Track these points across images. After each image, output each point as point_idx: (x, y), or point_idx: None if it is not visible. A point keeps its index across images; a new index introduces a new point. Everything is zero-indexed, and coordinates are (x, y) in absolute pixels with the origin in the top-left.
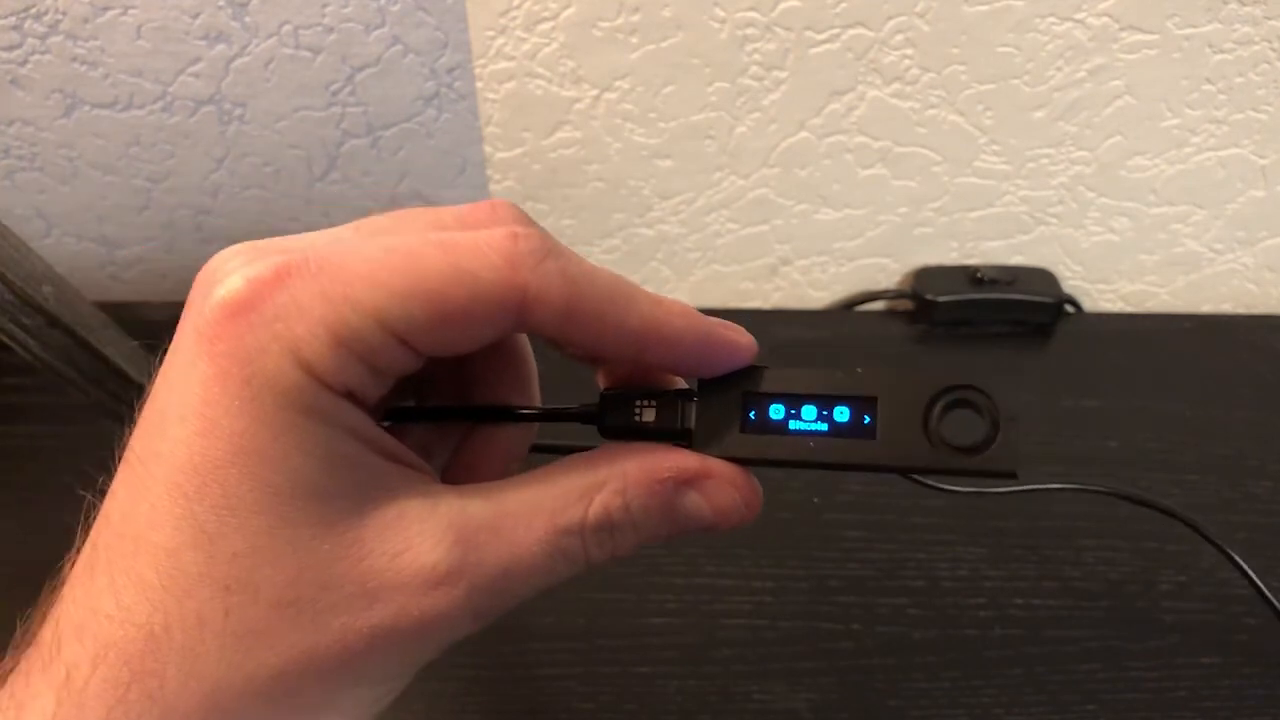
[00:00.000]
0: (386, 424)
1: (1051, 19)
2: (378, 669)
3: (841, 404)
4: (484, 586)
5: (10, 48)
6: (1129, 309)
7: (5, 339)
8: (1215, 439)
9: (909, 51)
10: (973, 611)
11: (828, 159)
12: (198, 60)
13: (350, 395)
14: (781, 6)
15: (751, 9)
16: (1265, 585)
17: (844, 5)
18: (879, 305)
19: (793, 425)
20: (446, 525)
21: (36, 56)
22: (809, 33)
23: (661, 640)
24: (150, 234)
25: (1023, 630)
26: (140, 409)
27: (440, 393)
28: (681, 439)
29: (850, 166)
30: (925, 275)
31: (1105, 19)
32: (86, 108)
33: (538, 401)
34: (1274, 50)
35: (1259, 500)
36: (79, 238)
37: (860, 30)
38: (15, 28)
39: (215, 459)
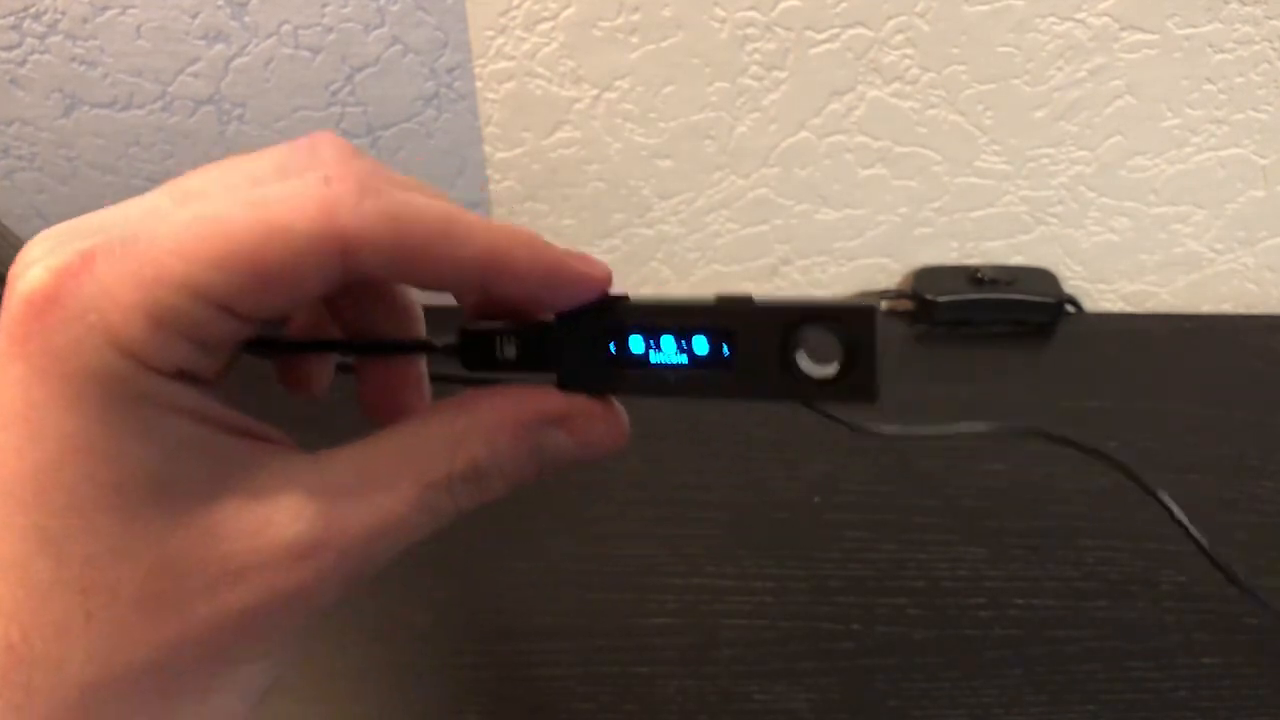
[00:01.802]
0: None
1: (1052, 19)
2: (256, 647)
3: (699, 335)
4: (352, 552)
5: (10, 47)
6: (1129, 309)
7: None
8: (1215, 439)
9: (909, 51)
10: (973, 611)
11: (828, 159)
12: (197, 60)
13: (182, 375)
14: (781, 6)
15: (751, 9)
16: (1252, 589)
17: (844, 5)
18: (879, 305)
19: (653, 358)
20: (306, 496)
21: (36, 56)
22: (809, 32)
23: (661, 640)
24: None
25: (1023, 630)
26: None
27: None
28: (542, 372)
29: (850, 166)
30: (925, 275)
31: (1105, 19)
32: (86, 107)
33: (423, 331)
34: (1274, 50)
35: (1259, 500)
36: None
37: (860, 30)
38: (15, 27)
39: (49, 462)
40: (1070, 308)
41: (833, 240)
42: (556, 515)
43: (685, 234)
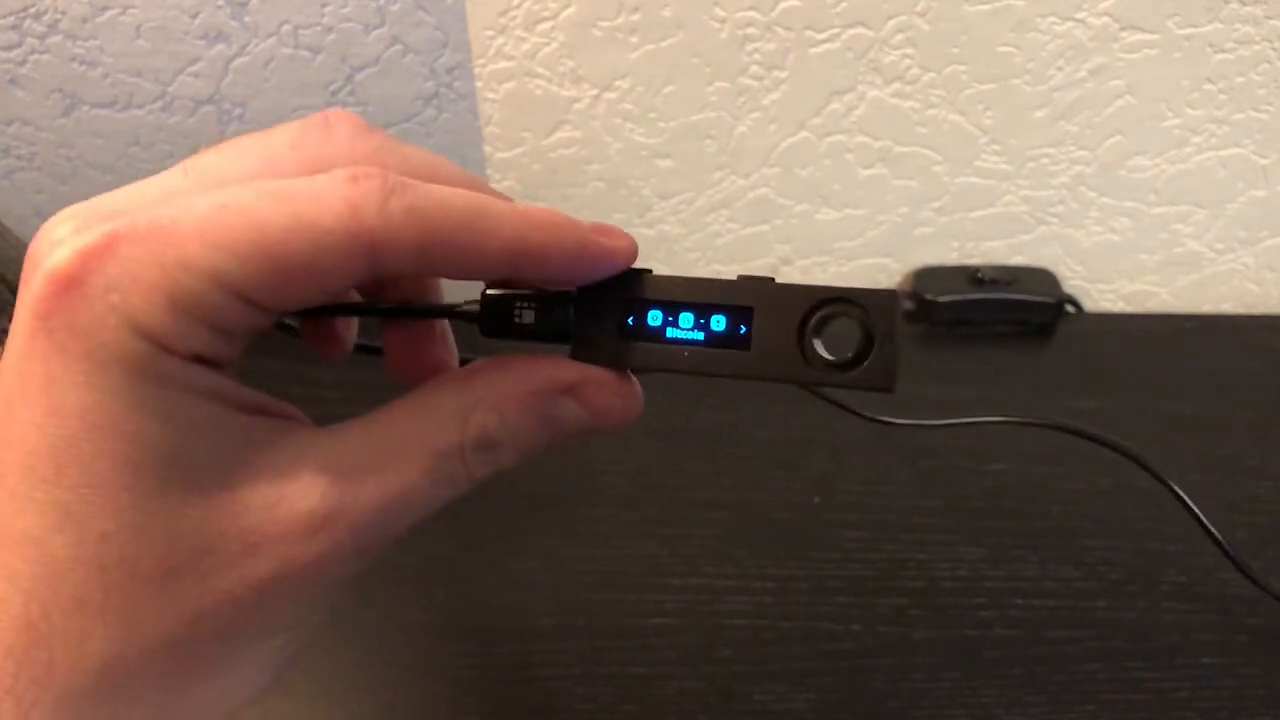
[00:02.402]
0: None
1: (1052, 19)
2: (274, 620)
3: (718, 313)
4: (366, 524)
5: (9, 47)
6: (1129, 309)
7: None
8: (1215, 439)
9: (909, 51)
10: (973, 611)
11: (828, 159)
12: (197, 60)
13: (199, 359)
14: (781, 6)
15: (751, 9)
16: (1208, 521)
17: (844, 5)
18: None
19: (670, 333)
20: (319, 469)
21: (36, 56)
22: (809, 32)
23: (661, 640)
24: None
25: (1023, 630)
26: None
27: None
28: (560, 342)
29: (850, 166)
30: (925, 275)
31: (1106, 19)
32: (86, 107)
33: (443, 296)
34: (1275, 50)
35: (1259, 500)
36: None
37: (860, 30)
38: (15, 27)
39: (68, 438)
40: (1070, 308)
41: (833, 240)
42: (556, 515)
43: (685, 234)
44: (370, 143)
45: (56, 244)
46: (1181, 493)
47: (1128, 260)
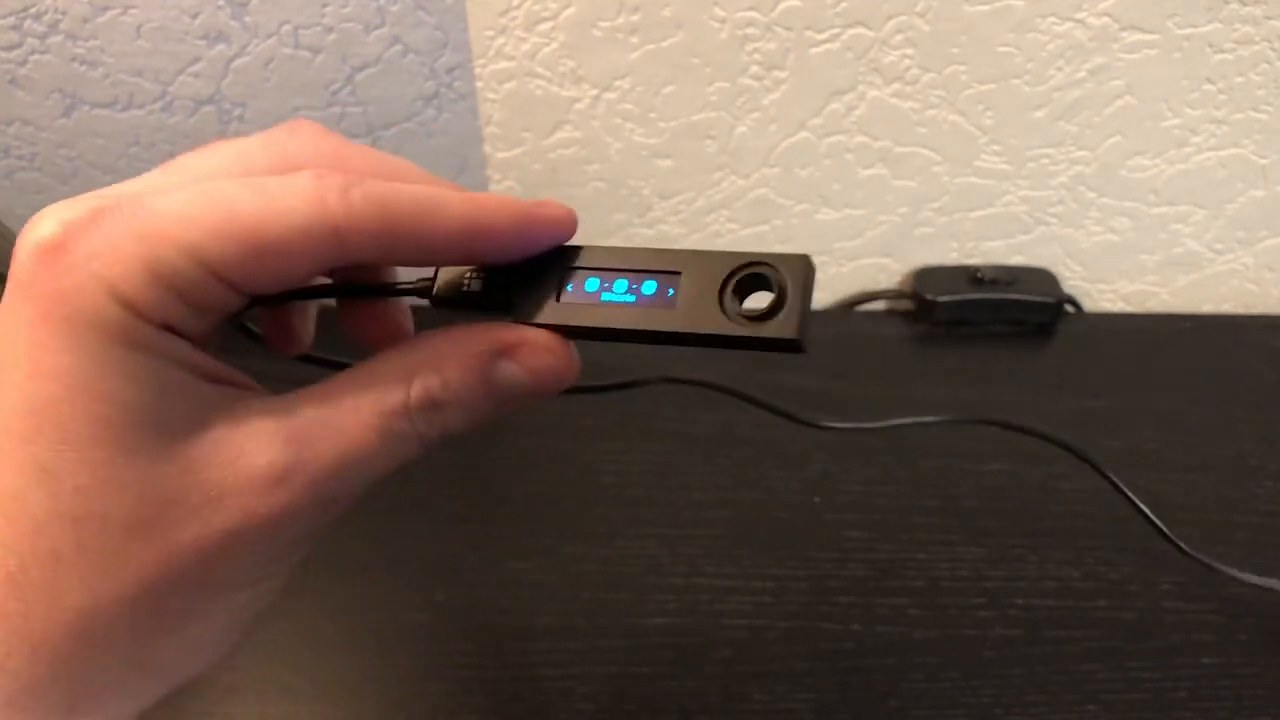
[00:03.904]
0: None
1: (1052, 19)
2: (240, 572)
3: (650, 278)
4: (323, 477)
5: (10, 48)
6: (1129, 309)
7: None
8: (1215, 439)
9: (909, 51)
10: (973, 611)
11: (828, 159)
12: (197, 60)
13: (169, 329)
14: (781, 6)
15: (751, 9)
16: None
17: (844, 5)
18: (879, 305)
19: (604, 297)
20: (276, 427)
21: (36, 56)
22: (809, 32)
23: (661, 640)
24: None
25: (1023, 630)
26: None
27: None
28: (503, 311)
29: (850, 166)
30: (925, 275)
31: (1105, 19)
32: (86, 108)
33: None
34: (1274, 50)
35: (1259, 500)
36: None
37: (860, 30)
38: (15, 28)
39: (47, 399)
40: (1070, 308)
41: (833, 240)
42: (557, 515)
43: (685, 234)
44: (331, 141)
45: (43, 217)
46: (1120, 484)
47: (1127, 260)
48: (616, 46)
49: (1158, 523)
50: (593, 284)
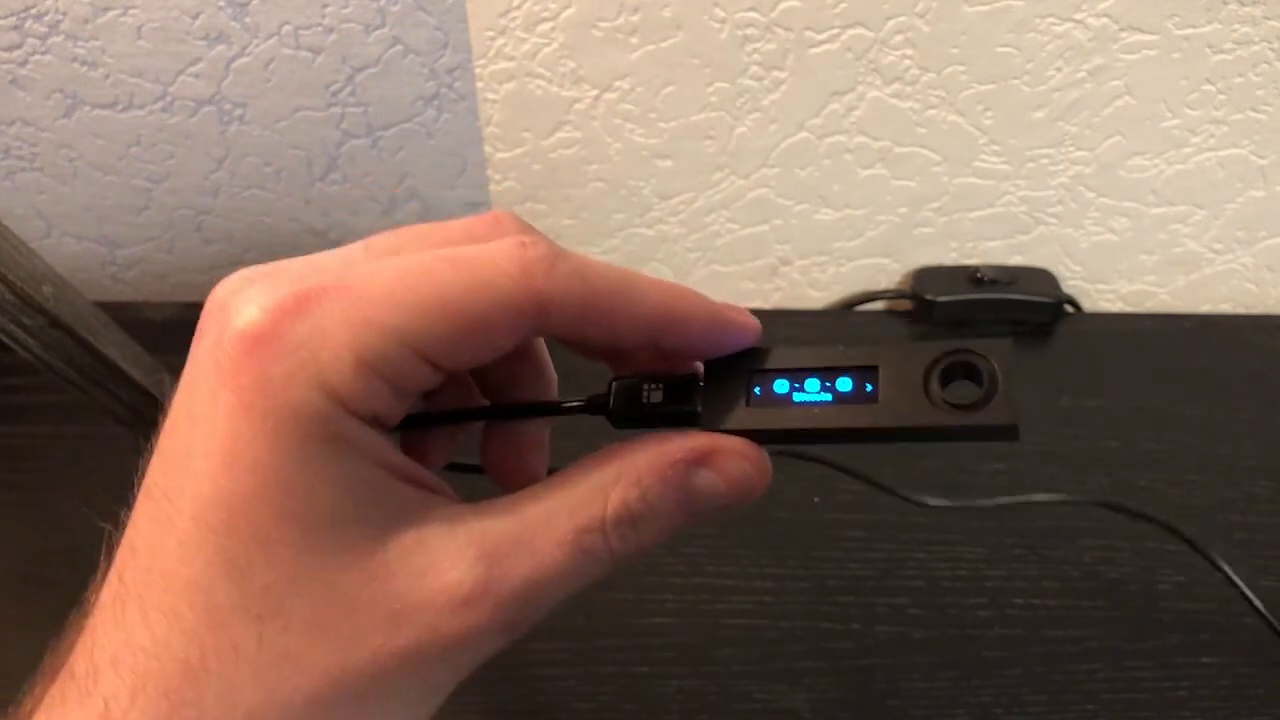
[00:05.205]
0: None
1: (1051, 19)
2: (410, 689)
3: (844, 375)
4: (511, 599)
5: (10, 48)
6: (1129, 309)
7: (6, 339)
8: (1215, 439)
9: (909, 51)
10: (973, 611)
11: (828, 159)
12: (198, 60)
13: (375, 419)
14: (781, 6)
15: (751, 9)
16: (1250, 587)
17: (844, 5)
18: (879, 305)
19: (797, 398)
20: (467, 543)
21: (37, 57)
22: (809, 33)
23: (661, 640)
24: (151, 234)
25: (1023, 630)
26: (156, 438)
27: (444, 402)
28: (689, 420)
29: (850, 166)
30: (925, 275)
31: (1105, 19)
32: (87, 108)
33: (556, 393)
34: (1273, 50)
35: (1259, 500)
36: (79, 238)
37: (860, 30)
38: (15, 28)
39: (242, 493)
40: (1070, 308)
41: (832, 240)
42: None
43: (685, 234)
44: (534, 232)
45: (246, 301)
46: (1221, 563)
47: (1127, 260)
48: (616, 47)
49: (1158, 521)
50: (782, 385)
